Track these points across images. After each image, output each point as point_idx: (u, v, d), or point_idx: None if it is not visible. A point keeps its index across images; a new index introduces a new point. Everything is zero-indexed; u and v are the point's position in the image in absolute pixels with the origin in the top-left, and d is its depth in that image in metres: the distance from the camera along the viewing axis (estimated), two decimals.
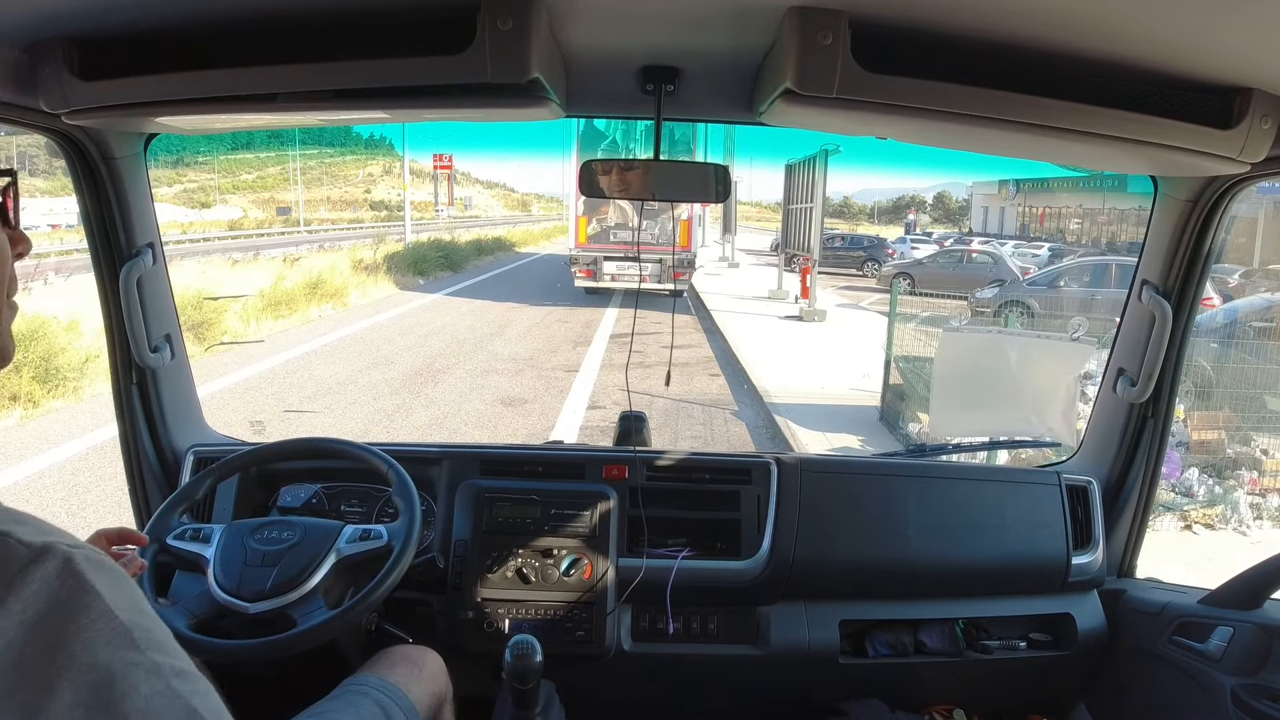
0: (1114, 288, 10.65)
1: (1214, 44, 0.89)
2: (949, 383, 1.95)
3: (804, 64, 0.89)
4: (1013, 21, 0.88)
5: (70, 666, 0.44)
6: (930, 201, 69.64)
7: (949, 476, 1.65)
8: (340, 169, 76.90)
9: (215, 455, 1.54)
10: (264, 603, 1.19)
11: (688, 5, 0.94)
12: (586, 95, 1.33)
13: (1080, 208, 32.03)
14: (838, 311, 12.61)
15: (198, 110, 1.05)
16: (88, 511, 4.21)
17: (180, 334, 1.61)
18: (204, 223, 37.44)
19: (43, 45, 0.99)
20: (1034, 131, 0.98)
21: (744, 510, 1.59)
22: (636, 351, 7.56)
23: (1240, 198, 1.39)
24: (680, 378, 7.66)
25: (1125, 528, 1.65)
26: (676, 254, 11.42)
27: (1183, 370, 1.58)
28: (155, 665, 0.47)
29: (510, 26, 0.87)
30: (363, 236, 27.85)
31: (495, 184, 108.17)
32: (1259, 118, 0.99)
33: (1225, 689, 1.32)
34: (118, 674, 0.45)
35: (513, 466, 1.62)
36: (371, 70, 0.94)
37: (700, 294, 14.04)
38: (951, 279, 14.41)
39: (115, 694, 0.44)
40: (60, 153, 1.34)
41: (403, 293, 14.87)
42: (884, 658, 1.58)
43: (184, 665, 0.49)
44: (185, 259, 14.37)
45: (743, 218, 42.22)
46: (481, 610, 1.48)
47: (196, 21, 0.97)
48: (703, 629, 1.55)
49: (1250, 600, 1.36)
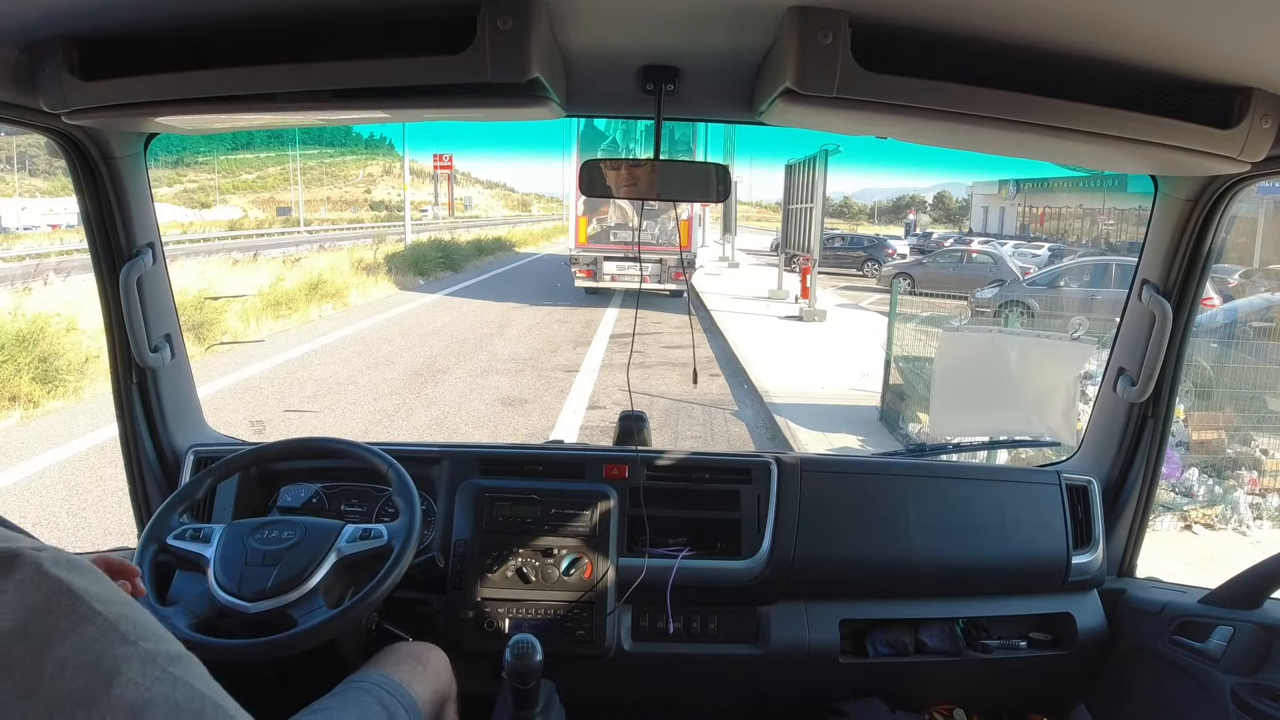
0: (1114, 288, 10.65)
1: (1214, 43, 0.89)
2: (949, 382, 1.95)
3: (804, 63, 0.89)
4: (1013, 21, 0.88)
5: (61, 673, 0.43)
6: (930, 201, 69.63)
7: (949, 476, 1.65)
8: (340, 169, 76.88)
9: (215, 455, 1.54)
10: (264, 602, 1.19)
11: (688, 5, 0.94)
12: (587, 95, 1.33)
13: (1080, 208, 32.04)
14: (838, 311, 12.63)
15: (198, 110, 1.05)
16: (88, 512, 4.21)
17: (180, 334, 1.61)
18: (204, 223, 37.43)
19: (43, 45, 0.99)
20: (1034, 131, 0.98)
21: (744, 510, 1.59)
22: (637, 351, 7.63)
23: (1240, 197, 1.39)
24: (680, 378, 7.68)
25: (1125, 527, 1.65)
26: (677, 254, 11.43)
27: (1183, 370, 1.58)
28: (150, 654, 0.46)
29: (510, 26, 0.87)
30: (363, 237, 27.87)
31: (495, 184, 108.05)
32: (1259, 117, 0.99)
33: (1225, 688, 1.32)
34: (113, 670, 0.44)
35: (513, 466, 1.62)
36: (372, 70, 0.94)
37: (700, 294, 14.06)
38: (952, 279, 14.43)
39: (115, 690, 0.44)
40: (60, 153, 1.34)
41: (403, 293, 14.89)
42: (884, 657, 1.58)
43: (177, 649, 0.48)
44: (185, 259, 14.40)
45: (743, 218, 42.25)
46: (481, 610, 1.48)
47: (196, 21, 0.97)
48: (703, 628, 1.55)
49: (1250, 600, 1.36)
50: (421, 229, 32.52)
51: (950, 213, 63.80)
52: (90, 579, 0.47)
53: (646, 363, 7.27)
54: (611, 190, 1.29)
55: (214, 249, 18.90)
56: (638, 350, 7.81)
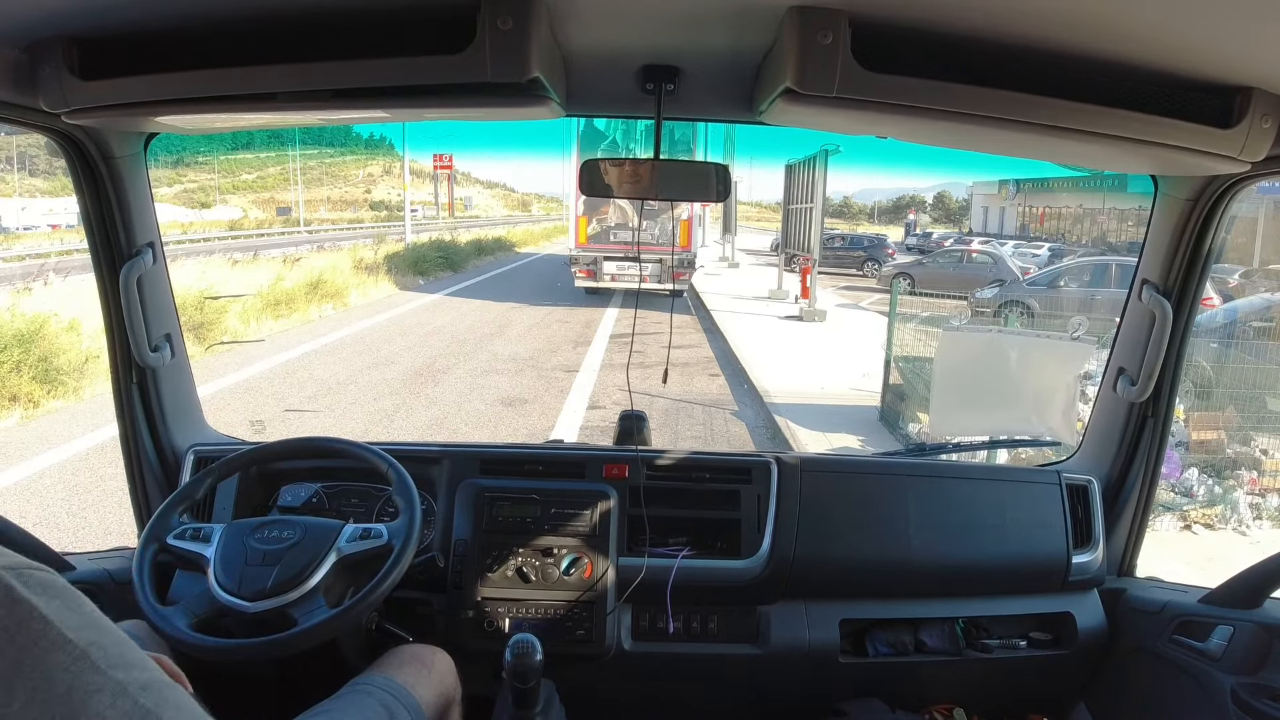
0: (1114, 288, 10.65)
1: (1214, 43, 0.89)
2: (949, 382, 1.95)
3: (804, 63, 0.89)
4: (1012, 21, 0.88)
5: (31, 702, 0.41)
6: (930, 201, 69.65)
7: (949, 476, 1.65)
8: (340, 169, 76.87)
9: (215, 455, 1.54)
10: (264, 602, 1.19)
11: (688, 5, 0.94)
12: (586, 94, 1.33)
13: (1080, 208, 32.04)
14: (837, 311, 12.62)
15: (197, 110, 1.05)
16: (88, 512, 4.21)
17: (180, 333, 1.61)
18: (204, 223, 37.40)
19: (43, 45, 0.99)
20: (1034, 131, 0.98)
21: (744, 509, 1.59)
22: (637, 351, 7.61)
23: (1240, 197, 1.39)
24: (680, 378, 7.69)
25: (1125, 527, 1.65)
26: (676, 254, 11.42)
27: (1183, 370, 1.58)
28: (120, 685, 0.45)
29: (510, 26, 0.87)
30: (363, 236, 27.87)
31: (495, 184, 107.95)
32: (1259, 117, 0.99)
33: (1225, 688, 1.32)
34: (82, 702, 0.43)
35: (513, 466, 1.62)
36: (372, 70, 0.94)
37: (700, 294, 14.06)
38: (951, 279, 14.42)
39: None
40: (60, 152, 1.34)
41: (403, 293, 14.91)
42: (884, 657, 1.58)
43: (149, 676, 0.48)
44: (186, 259, 14.36)
45: (743, 218, 42.23)
46: (482, 609, 1.48)
47: (196, 21, 0.97)
48: (703, 628, 1.55)
49: (1250, 599, 1.36)
50: (421, 229, 32.56)
51: (950, 213, 63.82)
52: (63, 602, 0.46)
53: (646, 362, 7.26)
54: (611, 190, 1.29)
55: (214, 249, 18.89)
56: (638, 350, 7.78)
